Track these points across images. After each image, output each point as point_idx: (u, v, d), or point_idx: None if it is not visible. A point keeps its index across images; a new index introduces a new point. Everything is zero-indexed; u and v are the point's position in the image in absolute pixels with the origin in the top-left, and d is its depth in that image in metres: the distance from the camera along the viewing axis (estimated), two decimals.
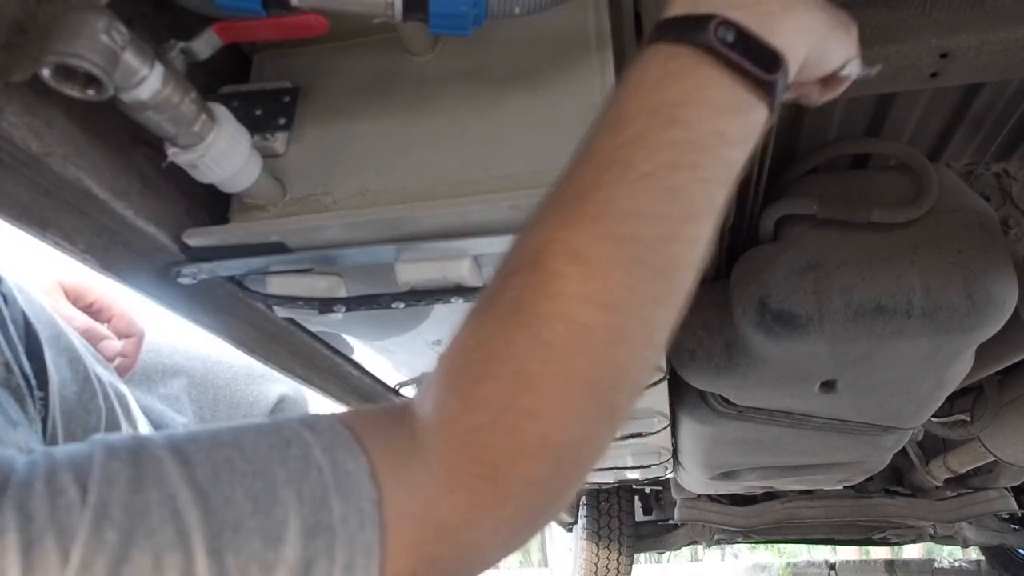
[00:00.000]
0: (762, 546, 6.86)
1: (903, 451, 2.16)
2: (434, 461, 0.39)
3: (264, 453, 0.37)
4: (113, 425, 0.71)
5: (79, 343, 0.71)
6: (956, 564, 4.79)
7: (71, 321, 0.76)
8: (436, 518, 0.38)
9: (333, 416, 0.41)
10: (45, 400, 0.61)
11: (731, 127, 0.42)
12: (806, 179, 1.14)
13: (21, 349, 0.59)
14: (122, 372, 0.82)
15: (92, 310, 0.82)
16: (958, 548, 3.51)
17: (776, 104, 0.44)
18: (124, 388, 0.77)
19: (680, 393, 1.52)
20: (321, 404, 1.21)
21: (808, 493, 2.75)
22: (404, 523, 0.37)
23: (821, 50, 0.47)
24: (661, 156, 0.40)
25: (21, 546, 0.31)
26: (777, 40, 0.43)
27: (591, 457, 0.41)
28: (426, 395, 0.42)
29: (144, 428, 0.81)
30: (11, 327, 0.58)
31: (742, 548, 7.68)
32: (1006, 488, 2.51)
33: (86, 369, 0.69)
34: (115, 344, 0.82)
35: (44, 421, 0.61)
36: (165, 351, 1.01)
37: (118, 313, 0.84)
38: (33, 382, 0.59)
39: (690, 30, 0.42)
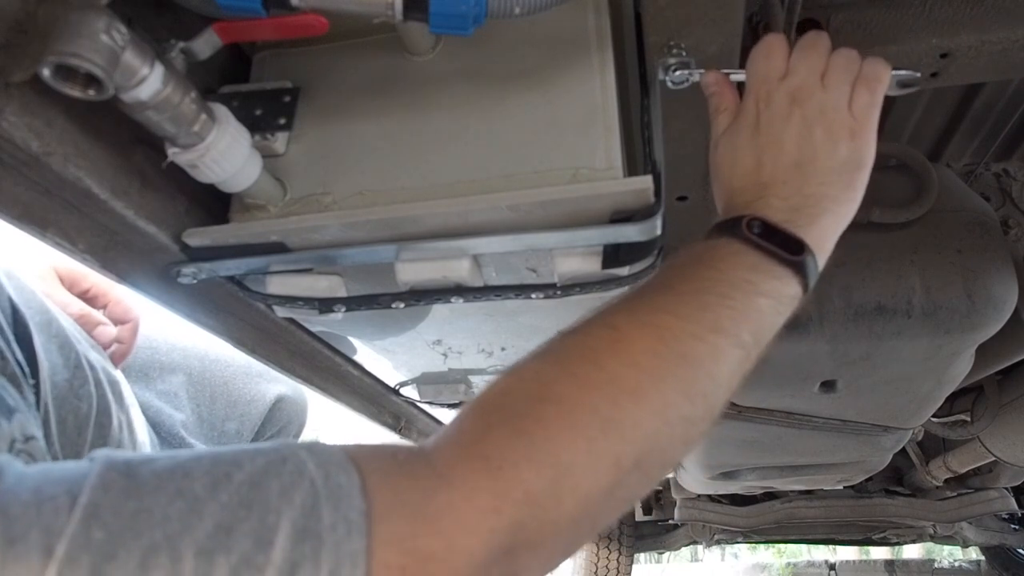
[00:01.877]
0: (762, 546, 6.86)
1: (903, 451, 2.16)
2: (439, 459, 0.41)
3: (262, 467, 0.38)
4: (104, 412, 0.71)
5: (72, 329, 0.71)
6: (956, 564, 4.79)
7: (66, 307, 0.76)
8: (430, 511, 0.38)
9: (334, 444, 0.43)
10: (36, 387, 0.61)
11: (762, 283, 0.51)
12: None
13: (11, 336, 0.59)
14: (118, 359, 0.81)
15: (87, 296, 0.82)
16: (958, 548, 3.51)
17: (809, 284, 0.54)
18: (118, 375, 0.77)
19: None
20: (322, 404, 1.21)
21: (808, 493, 2.75)
22: (394, 525, 0.38)
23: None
24: (696, 284, 0.51)
25: (2, 542, 0.31)
26: (807, 235, 0.54)
27: (587, 495, 0.42)
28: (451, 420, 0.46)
29: (137, 415, 0.81)
30: None
31: (742, 548, 7.68)
32: (1006, 488, 2.51)
33: (77, 355, 0.69)
34: (110, 330, 0.82)
35: (37, 408, 0.60)
36: (163, 348, 1.01)
37: (114, 299, 0.83)
38: (26, 369, 0.59)
39: (728, 227, 0.54)
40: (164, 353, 1.00)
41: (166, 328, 1.03)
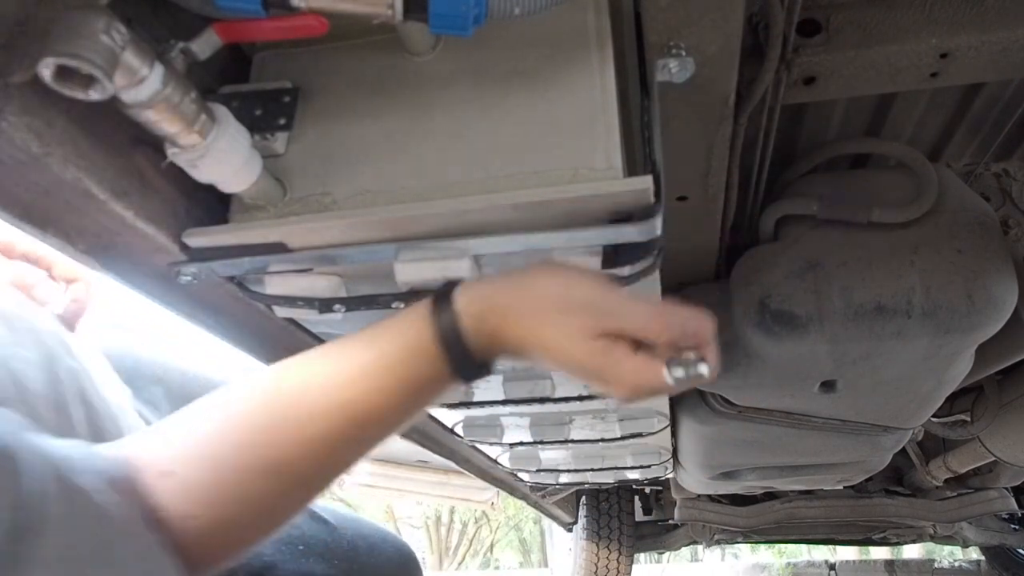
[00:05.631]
0: (762, 546, 6.87)
1: (903, 451, 2.16)
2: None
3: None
4: (56, 361, 0.67)
5: (11, 301, 0.67)
6: (956, 564, 4.80)
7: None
8: None
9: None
10: None
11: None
12: (806, 179, 1.14)
13: None
14: (73, 317, 0.77)
15: (26, 261, 0.76)
16: (958, 548, 3.51)
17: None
18: (79, 364, 0.71)
19: (680, 393, 1.52)
20: None
21: (808, 493, 2.75)
22: None
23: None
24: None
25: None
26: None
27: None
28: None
29: (97, 368, 0.77)
30: None
31: (742, 548, 7.68)
32: (1006, 488, 2.52)
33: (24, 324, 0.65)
34: (53, 286, 0.77)
35: None
36: (145, 360, 1.00)
37: (57, 260, 0.78)
38: None
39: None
40: (147, 365, 0.99)
41: (148, 343, 1.03)
